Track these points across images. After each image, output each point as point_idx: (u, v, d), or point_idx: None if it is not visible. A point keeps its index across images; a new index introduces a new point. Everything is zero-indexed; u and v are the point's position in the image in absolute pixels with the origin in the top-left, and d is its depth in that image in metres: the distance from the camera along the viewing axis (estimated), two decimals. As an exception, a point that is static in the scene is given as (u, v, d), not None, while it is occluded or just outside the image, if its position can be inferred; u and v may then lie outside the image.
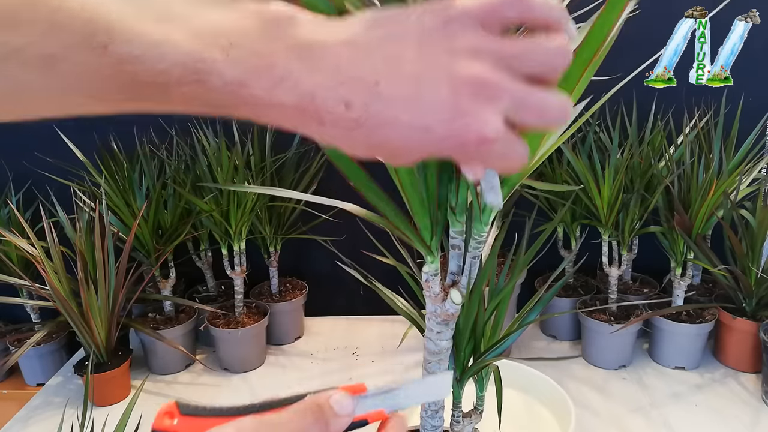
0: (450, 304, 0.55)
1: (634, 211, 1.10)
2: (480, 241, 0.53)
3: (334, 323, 1.45)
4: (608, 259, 1.17)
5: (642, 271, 1.33)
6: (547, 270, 1.36)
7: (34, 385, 1.30)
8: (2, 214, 1.29)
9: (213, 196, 1.16)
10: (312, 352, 1.32)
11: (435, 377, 0.36)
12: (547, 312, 1.26)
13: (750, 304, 1.13)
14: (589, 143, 1.14)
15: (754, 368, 1.14)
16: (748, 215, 1.10)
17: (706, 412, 1.04)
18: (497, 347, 0.67)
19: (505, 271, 0.70)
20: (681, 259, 1.14)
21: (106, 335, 1.11)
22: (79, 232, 1.09)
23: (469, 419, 0.71)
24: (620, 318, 1.17)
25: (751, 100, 1.23)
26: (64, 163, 1.27)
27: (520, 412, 1.01)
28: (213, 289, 1.38)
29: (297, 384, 1.19)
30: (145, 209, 1.14)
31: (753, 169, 1.09)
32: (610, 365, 1.19)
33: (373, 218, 0.54)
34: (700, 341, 1.16)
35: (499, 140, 0.30)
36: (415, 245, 0.52)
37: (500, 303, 0.68)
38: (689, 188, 1.09)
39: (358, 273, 0.73)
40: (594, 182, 1.08)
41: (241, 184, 1.16)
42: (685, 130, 1.14)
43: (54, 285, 1.04)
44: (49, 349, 1.29)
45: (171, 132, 1.29)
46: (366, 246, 0.87)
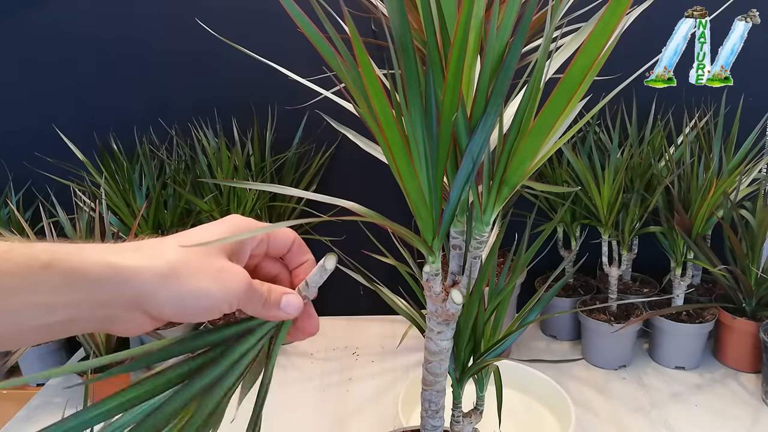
0: (451, 303, 0.55)
1: (634, 211, 1.10)
2: (481, 241, 0.53)
3: (334, 323, 1.45)
4: (608, 259, 1.17)
5: (642, 271, 1.33)
6: (547, 270, 1.36)
7: (34, 385, 1.30)
8: (2, 214, 1.29)
9: (213, 196, 1.16)
10: (312, 352, 1.32)
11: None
12: (547, 312, 1.26)
13: (750, 304, 1.13)
14: (589, 143, 1.14)
15: (754, 368, 1.14)
16: (748, 215, 1.10)
17: (706, 412, 1.04)
18: (497, 347, 0.67)
19: (505, 271, 0.70)
20: (681, 259, 1.14)
21: (106, 335, 1.10)
22: (79, 232, 1.09)
23: (469, 419, 0.71)
24: (620, 318, 1.17)
25: (751, 100, 1.23)
26: (64, 163, 1.27)
27: (520, 412, 1.01)
28: (213, 289, 1.38)
29: (297, 384, 1.19)
30: (145, 209, 1.14)
31: (753, 169, 1.09)
32: (610, 365, 1.19)
33: (374, 217, 0.54)
34: (700, 341, 1.16)
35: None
36: (417, 245, 0.52)
37: (500, 303, 0.68)
38: (689, 188, 1.09)
39: (358, 273, 0.73)
40: (594, 182, 1.08)
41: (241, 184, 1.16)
42: (685, 130, 1.14)
43: (54, 285, 1.03)
44: (49, 349, 1.29)
45: (171, 132, 1.29)
46: (366, 246, 0.87)
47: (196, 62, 1.30)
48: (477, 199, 0.50)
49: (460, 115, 0.46)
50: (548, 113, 0.44)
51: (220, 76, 1.31)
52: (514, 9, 0.44)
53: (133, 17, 1.27)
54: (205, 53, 1.28)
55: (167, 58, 1.30)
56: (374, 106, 0.43)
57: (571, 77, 0.41)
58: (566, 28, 1.00)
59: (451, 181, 0.50)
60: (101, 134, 1.32)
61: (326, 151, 1.34)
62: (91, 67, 1.30)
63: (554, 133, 0.47)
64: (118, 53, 1.29)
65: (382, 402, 1.12)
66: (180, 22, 1.25)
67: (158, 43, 1.28)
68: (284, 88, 1.20)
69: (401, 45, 0.43)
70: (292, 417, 1.08)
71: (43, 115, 1.33)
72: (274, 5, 1.24)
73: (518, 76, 0.50)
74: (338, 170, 1.37)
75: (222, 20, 1.25)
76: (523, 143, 0.46)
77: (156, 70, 1.31)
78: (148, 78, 1.31)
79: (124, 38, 1.28)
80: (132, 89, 1.32)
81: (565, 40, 0.60)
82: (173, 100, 1.32)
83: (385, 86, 0.44)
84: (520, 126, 0.46)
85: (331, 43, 0.45)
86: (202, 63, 1.30)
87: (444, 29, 0.46)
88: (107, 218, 1.09)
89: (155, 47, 1.29)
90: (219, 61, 1.29)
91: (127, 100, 1.33)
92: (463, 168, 0.46)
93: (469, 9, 0.41)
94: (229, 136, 1.28)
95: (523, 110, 0.46)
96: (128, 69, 1.30)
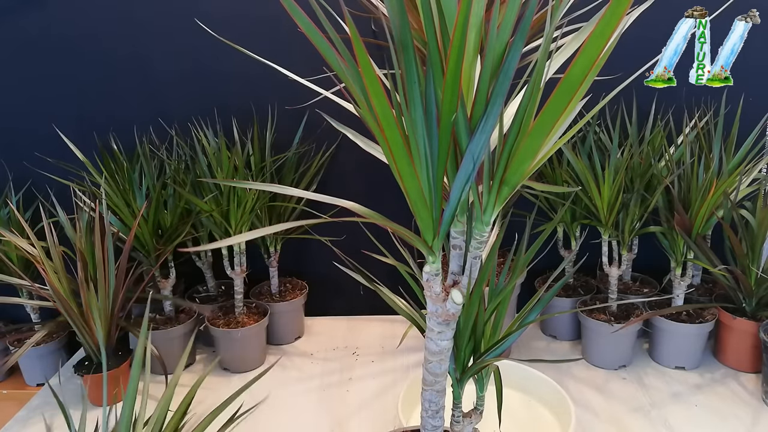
0: (451, 303, 0.55)
1: (634, 211, 1.10)
2: (481, 241, 0.53)
3: (334, 323, 1.46)
4: (608, 259, 1.17)
5: (642, 271, 1.33)
6: (547, 270, 1.36)
7: (34, 385, 1.30)
8: (2, 214, 1.29)
9: (213, 196, 1.16)
10: (312, 352, 1.32)
11: None
12: (547, 312, 1.26)
13: (750, 304, 1.13)
14: (589, 143, 1.14)
15: (754, 368, 1.14)
16: (748, 215, 1.10)
17: (706, 412, 1.04)
18: (497, 347, 0.67)
19: (505, 271, 0.70)
20: (681, 259, 1.14)
21: (106, 335, 1.10)
22: (79, 232, 1.09)
23: (469, 419, 0.71)
24: (620, 318, 1.17)
25: (751, 100, 1.23)
26: (64, 163, 1.27)
27: (520, 412, 1.01)
28: (213, 289, 1.38)
29: (297, 384, 1.19)
30: (145, 209, 1.14)
31: (753, 169, 1.09)
32: (610, 365, 1.19)
33: (374, 217, 0.54)
34: (700, 341, 1.16)
35: None
36: (417, 245, 0.52)
37: (500, 303, 0.68)
38: (689, 188, 1.10)
39: (359, 273, 0.73)
40: (594, 182, 1.08)
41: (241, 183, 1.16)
42: (685, 130, 1.14)
43: (54, 285, 1.04)
44: (49, 349, 1.29)
45: (171, 132, 1.29)
46: (366, 246, 0.87)
47: (196, 63, 1.30)
48: (477, 199, 0.50)
49: (460, 115, 0.46)
50: (548, 113, 0.44)
51: (221, 76, 1.31)
52: (514, 9, 0.44)
53: (133, 17, 1.27)
54: (206, 54, 1.28)
55: (168, 59, 1.30)
56: (374, 106, 0.43)
57: (571, 77, 0.41)
58: (566, 28, 1.00)
59: (451, 181, 0.50)
60: (101, 134, 1.32)
61: (326, 151, 1.34)
62: (91, 68, 1.30)
63: (554, 133, 0.47)
64: (118, 54, 1.29)
65: (382, 402, 1.12)
66: (180, 23, 1.25)
67: (158, 44, 1.28)
68: (284, 88, 1.20)
69: (401, 45, 0.43)
70: (292, 417, 1.08)
71: (44, 115, 1.33)
72: (273, 6, 1.24)
73: (518, 76, 0.50)
74: (338, 170, 1.37)
75: (222, 21, 1.25)
76: (523, 143, 0.46)
77: (156, 71, 1.31)
78: (148, 78, 1.31)
79: (125, 40, 1.28)
80: (132, 89, 1.32)
81: (565, 40, 0.60)
82: (173, 100, 1.32)
83: (385, 86, 0.44)
84: (520, 126, 0.46)
85: (331, 43, 0.45)
86: (203, 63, 1.30)
87: (444, 29, 0.46)
88: (107, 218, 1.09)
89: (156, 48, 1.29)
90: (219, 61, 1.29)
91: (128, 101, 1.33)
92: (463, 168, 0.46)
93: (467, 8, 0.41)
94: (229, 136, 1.28)
95: (523, 110, 0.46)
96: (128, 69, 1.30)
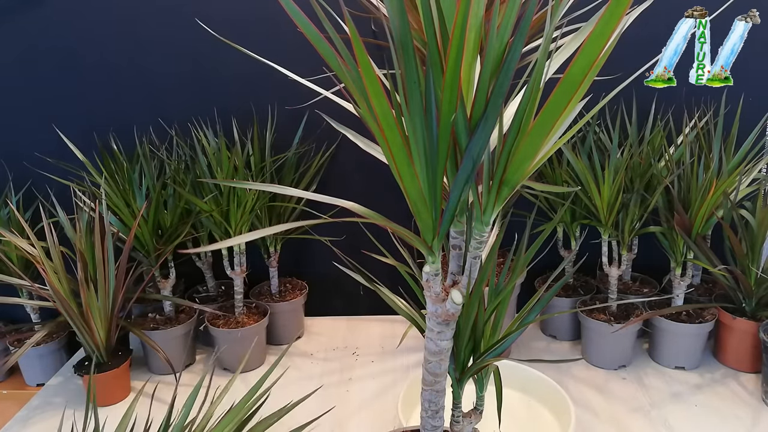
0: (451, 304, 0.55)
1: (634, 211, 1.10)
2: (481, 241, 0.53)
3: (334, 323, 1.45)
4: (608, 259, 1.17)
5: (642, 271, 1.33)
6: (547, 270, 1.36)
7: (34, 385, 1.30)
8: (2, 214, 1.29)
9: (213, 196, 1.16)
10: (312, 352, 1.32)
11: None
12: (547, 312, 1.26)
13: (750, 304, 1.13)
14: (589, 143, 1.14)
15: (754, 368, 1.14)
16: (748, 215, 1.10)
17: (706, 412, 1.04)
18: (497, 347, 0.67)
19: (505, 271, 0.70)
20: (681, 259, 1.14)
21: (106, 335, 1.11)
22: (79, 232, 1.09)
23: (469, 419, 0.71)
24: (620, 318, 1.17)
25: (751, 100, 1.23)
26: (64, 163, 1.26)
27: (520, 412, 1.01)
28: (213, 289, 1.38)
29: (297, 384, 1.19)
30: (145, 209, 1.14)
31: (753, 169, 1.09)
32: (610, 365, 1.19)
33: (374, 218, 0.54)
34: (700, 341, 1.16)
35: None
36: (417, 246, 0.52)
37: (500, 303, 0.68)
38: (689, 188, 1.09)
39: (358, 273, 0.73)
40: (594, 182, 1.08)
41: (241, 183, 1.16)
42: (685, 130, 1.14)
43: (54, 285, 1.04)
44: (49, 349, 1.28)
45: (171, 132, 1.29)
46: (366, 246, 0.87)
47: (196, 63, 1.30)
48: (477, 199, 0.50)
49: (460, 115, 0.46)
50: (548, 113, 0.44)
51: (220, 76, 1.31)
52: (514, 9, 0.44)
53: (134, 17, 1.27)
54: (206, 54, 1.28)
55: (168, 60, 1.30)
56: (374, 107, 0.43)
57: (571, 77, 0.41)
58: (566, 28, 1.00)
59: (451, 182, 0.50)
60: (101, 134, 1.32)
61: (326, 151, 1.34)
62: (91, 68, 1.30)
63: (554, 133, 0.47)
64: (118, 54, 1.29)
65: (382, 402, 1.12)
66: (181, 23, 1.25)
67: (158, 44, 1.28)
68: (284, 88, 1.20)
69: (401, 45, 0.43)
70: (292, 417, 1.08)
71: (44, 115, 1.33)
72: (273, 6, 1.24)
73: (518, 76, 0.50)
74: (338, 170, 1.37)
75: (222, 21, 1.25)
76: (523, 143, 0.46)
77: (156, 71, 1.31)
78: (148, 78, 1.31)
79: (125, 38, 1.28)
80: (132, 89, 1.32)
81: (565, 40, 0.60)
82: (173, 100, 1.32)
83: (385, 86, 0.44)
84: (520, 126, 0.46)
85: (331, 44, 0.45)
86: (203, 64, 1.30)
87: (444, 29, 0.46)
88: (107, 218, 1.09)
89: (156, 48, 1.29)
90: (219, 61, 1.29)
91: (127, 101, 1.33)
92: (463, 168, 0.46)
93: (466, 8, 0.41)
94: (229, 137, 1.28)
95: (523, 110, 0.46)
96: (128, 70, 1.30)
